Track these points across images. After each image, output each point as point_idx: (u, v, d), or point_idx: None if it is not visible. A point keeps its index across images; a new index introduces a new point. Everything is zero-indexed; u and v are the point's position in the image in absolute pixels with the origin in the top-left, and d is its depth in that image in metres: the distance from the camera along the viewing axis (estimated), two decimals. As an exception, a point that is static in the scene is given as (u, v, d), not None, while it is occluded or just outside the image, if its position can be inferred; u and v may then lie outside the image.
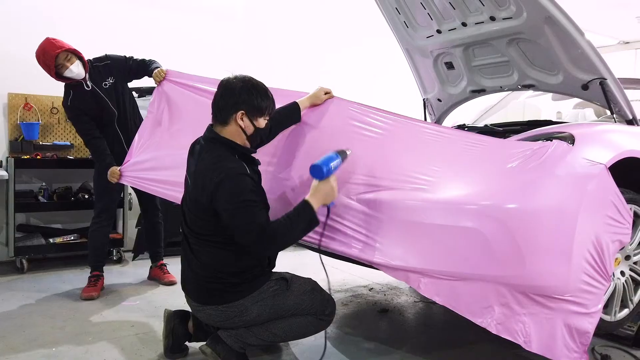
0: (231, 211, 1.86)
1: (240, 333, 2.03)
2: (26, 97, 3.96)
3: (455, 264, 1.80)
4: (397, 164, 2.04)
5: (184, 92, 2.79)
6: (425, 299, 3.09)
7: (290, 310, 2.03)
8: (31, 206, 3.82)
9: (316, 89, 2.39)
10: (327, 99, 2.37)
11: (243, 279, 1.99)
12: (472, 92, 3.20)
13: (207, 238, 1.99)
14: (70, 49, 2.96)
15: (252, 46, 5.06)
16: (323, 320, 2.09)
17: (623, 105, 2.55)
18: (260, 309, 2.00)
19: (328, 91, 2.39)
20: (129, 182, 2.91)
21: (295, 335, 2.10)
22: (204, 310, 2.05)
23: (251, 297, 1.99)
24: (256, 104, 1.99)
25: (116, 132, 3.17)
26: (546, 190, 1.82)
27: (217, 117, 2.02)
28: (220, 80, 2.05)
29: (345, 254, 1.99)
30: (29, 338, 2.44)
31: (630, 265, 2.33)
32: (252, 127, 2.01)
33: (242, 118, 1.98)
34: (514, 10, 2.46)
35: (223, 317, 2.02)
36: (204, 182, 1.91)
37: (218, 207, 1.88)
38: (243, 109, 1.97)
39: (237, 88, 1.98)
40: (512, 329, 1.78)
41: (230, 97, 1.98)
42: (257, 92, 2.00)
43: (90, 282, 3.16)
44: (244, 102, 1.97)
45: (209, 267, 2.00)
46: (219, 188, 1.86)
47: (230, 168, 1.90)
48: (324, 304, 2.09)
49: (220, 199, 1.87)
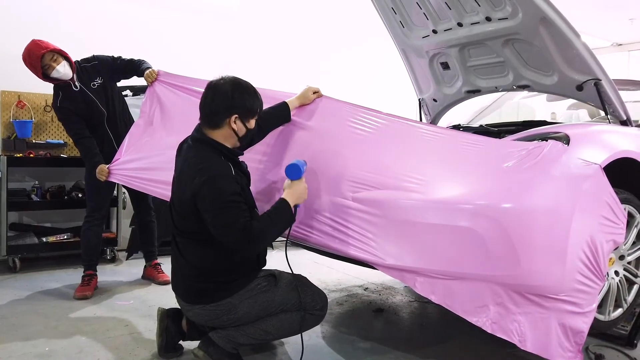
0: (213, 211, 1.87)
1: (231, 333, 2.03)
2: (19, 95, 3.94)
3: (450, 263, 1.80)
4: (393, 163, 2.04)
5: (175, 93, 2.83)
6: (420, 299, 3.09)
7: (280, 306, 2.02)
8: (24, 205, 3.80)
9: (304, 88, 2.39)
10: (315, 98, 2.38)
11: (230, 277, 1.99)
12: (468, 93, 3.21)
13: (193, 237, 2.00)
14: (56, 50, 2.96)
15: (248, 46, 5.06)
16: (314, 315, 2.08)
17: (617, 106, 2.56)
18: (249, 307, 1.99)
19: (316, 90, 2.39)
20: (118, 180, 2.94)
21: (288, 332, 2.09)
22: (192, 309, 2.05)
23: (239, 295, 1.99)
24: (248, 106, 2.00)
25: (106, 131, 3.18)
26: (541, 190, 1.83)
27: (208, 120, 2.01)
28: (208, 82, 2.04)
29: (341, 253, 2.00)
30: (22, 338, 2.42)
31: (624, 265, 2.34)
32: (244, 129, 2.02)
33: (235, 122, 1.98)
34: (509, 10, 2.47)
35: (212, 316, 2.02)
36: (189, 182, 1.92)
37: (201, 207, 1.89)
38: (237, 113, 1.97)
39: (229, 91, 1.97)
40: (507, 328, 1.79)
41: (223, 100, 1.97)
42: (248, 94, 2.00)
43: (84, 282, 3.14)
44: (237, 106, 1.98)
45: (195, 266, 2.01)
46: (202, 188, 1.87)
47: (215, 169, 1.91)
48: (315, 298, 2.08)
49: (204, 199, 1.88)
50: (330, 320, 2.74)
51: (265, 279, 2.06)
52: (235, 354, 2.07)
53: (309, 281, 2.14)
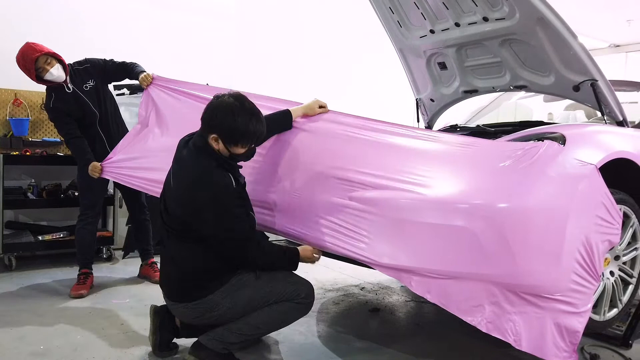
0: (217, 225, 1.92)
1: (220, 334, 2.02)
2: (16, 93, 3.92)
3: (446, 263, 1.80)
4: (390, 163, 2.04)
5: (171, 96, 2.89)
6: (416, 298, 3.09)
7: (264, 298, 2.01)
8: (20, 203, 3.78)
9: (311, 100, 2.38)
10: (320, 112, 2.37)
11: (210, 276, 2.00)
12: (465, 93, 3.22)
13: (178, 234, 2.01)
14: (50, 53, 2.98)
15: (245, 46, 5.05)
16: (301, 304, 2.07)
17: (613, 107, 2.57)
18: (231, 302, 1.99)
19: (323, 105, 2.38)
20: (111, 177, 2.99)
21: (277, 324, 2.09)
22: (177, 308, 2.07)
23: (220, 292, 1.99)
24: (231, 129, 1.90)
25: (98, 132, 3.21)
26: (537, 190, 1.83)
27: (201, 129, 2.00)
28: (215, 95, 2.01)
29: (338, 252, 1.99)
30: (17, 336, 2.41)
31: (620, 265, 2.35)
32: (227, 152, 1.97)
33: (216, 141, 1.94)
34: (506, 11, 2.47)
35: (195, 314, 2.03)
36: (190, 194, 1.93)
37: (204, 217, 1.92)
38: (215, 133, 1.93)
39: (215, 109, 1.93)
40: (502, 327, 1.79)
41: (207, 115, 1.95)
42: (235, 117, 1.89)
43: (80, 280, 3.14)
44: (215, 126, 1.92)
45: (182, 263, 2.02)
46: (205, 203, 1.90)
47: (218, 184, 1.91)
48: (298, 287, 2.07)
49: (208, 215, 1.91)
50: (326, 319, 2.74)
51: (246, 273, 2.05)
52: (227, 354, 2.06)
53: (294, 273, 2.14)
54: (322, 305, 2.97)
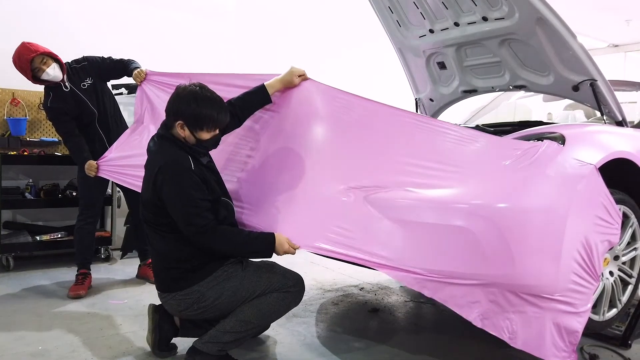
0: (173, 205, 1.94)
1: (214, 335, 2.02)
2: (13, 92, 3.91)
3: (445, 263, 1.80)
4: (388, 162, 2.04)
5: (164, 91, 2.86)
6: (415, 299, 3.09)
7: (250, 290, 2.01)
8: (18, 203, 3.77)
9: (287, 70, 2.32)
10: (301, 81, 2.34)
11: (193, 265, 2.01)
12: (464, 92, 3.21)
13: (155, 227, 2.04)
14: (46, 52, 2.96)
15: (243, 44, 5.04)
16: (289, 292, 2.06)
17: (613, 107, 2.56)
18: (217, 293, 1.99)
19: (302, 73, 2.34)
20: (107, 175, 2.98)
21: (268, 316, 2.08)
22: (166, 300, 2.08)
23: (205, 282, 2.00)
24: (195, 114, 1.97)
25: (97, 131, 3.20)
26: (536, 190, 1.83)
27: (166, 119, 2.07)
28: (177, 86, 2.07)
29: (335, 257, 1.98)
30: (15, 336, 2.40)
31: (619, 265, 2.35)
32: (193, 139, 2.02)
33: (182, 128, 2.00)
34: (506, 10, 2.46)
35: (183, 306, 2.03)
36: (150, 175, 1.99)
37: (163, 199, 1.96)
38: (182, 120, 1.99)
39: (180, 96, 2.00)
40: (499, 325, 1.78)
41: (172, 104, 2.02)
42: (199, 104, 1.97)
43: (78, 281, 3.13)
44: (181, 112, 1.99)
45: (161, 254, 2.06)
46: (162, 183, 1.94)
47: (172, 159, 1.97)
48: (285, 276, 2.08)
49: (162, 191, 1.95)
50: (326, 320, 2.74)
51: (232, 265, 2.06)
52: (224, 356, 2.06)
53: (280, 265, 2.14)
54: (321, 305, 2.97)
